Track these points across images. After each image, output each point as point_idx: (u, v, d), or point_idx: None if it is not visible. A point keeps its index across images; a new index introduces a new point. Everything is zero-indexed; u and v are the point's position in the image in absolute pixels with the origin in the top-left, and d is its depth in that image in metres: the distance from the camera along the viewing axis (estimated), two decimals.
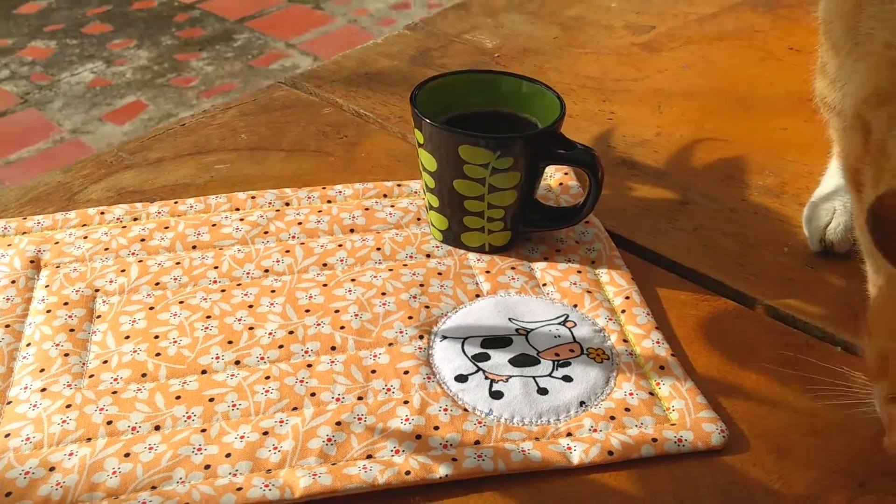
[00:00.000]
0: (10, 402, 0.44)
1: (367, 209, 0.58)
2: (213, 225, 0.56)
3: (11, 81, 2.70)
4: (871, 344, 0.40)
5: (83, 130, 2.83)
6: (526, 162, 0.51)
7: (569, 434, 0.43)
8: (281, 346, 0.47)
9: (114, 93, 2.68)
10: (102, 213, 0.57)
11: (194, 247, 0.55)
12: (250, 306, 0.50)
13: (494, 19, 0.86)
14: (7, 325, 0.49)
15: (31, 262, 0.53)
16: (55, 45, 2.74)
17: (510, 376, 0.46)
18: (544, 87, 0.55)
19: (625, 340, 0.49)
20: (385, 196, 0.60)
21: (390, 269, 0.53)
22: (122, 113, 2.76)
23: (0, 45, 2.75)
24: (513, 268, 0.54)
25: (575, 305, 0.51)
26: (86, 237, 0.55)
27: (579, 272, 0.53)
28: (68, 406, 0.44)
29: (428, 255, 0.55)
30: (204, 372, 0.46)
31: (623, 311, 0.51)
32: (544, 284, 0.53)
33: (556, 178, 0.62)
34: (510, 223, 0.54)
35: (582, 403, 0.45)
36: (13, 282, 0.52)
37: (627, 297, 0.51)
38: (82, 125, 2.84)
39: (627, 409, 0.44)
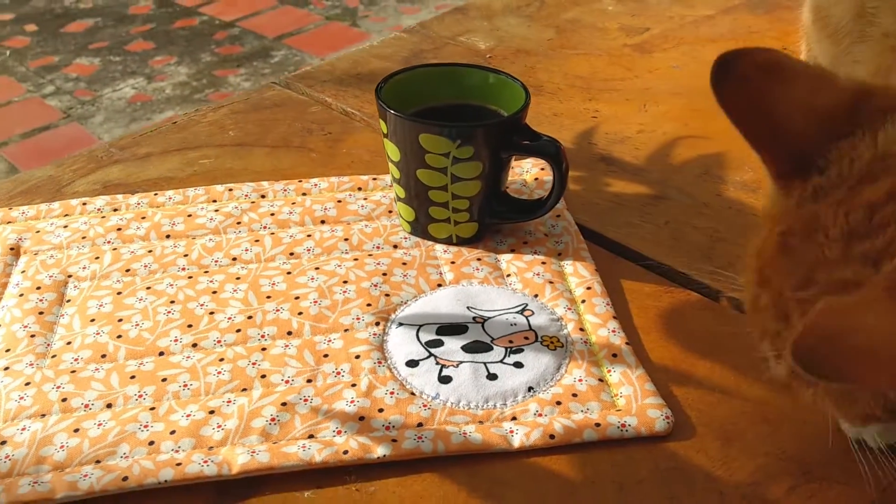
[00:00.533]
0: None
1: (339, 201, 0.59)
2: (189, 215, 0.58)
3: (56, 97, 2.78)
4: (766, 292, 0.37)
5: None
6: (488, 151, 0.52)
7: (513, 418, 0.43)
8: (238, 331, 0.48)
9: (153, 108, 2.75)
10: (84, 203, 0.59)
11: (168, 236, 0.56)
12: (214, 292, 0.51)
13: (491, 22, 0.87)
14: None
15: (12, 249, 0.55)
16: (99, 61, 2.82)
17: (461, 362, 0.46)
18: (510, 77, 0.55)
19: (581, 329, 0.49)
20: (359, 189, 0.61)
21: (355, 259, 0.54)
22: None
23: (46, 62, 2.84)
24: (479, 259, 0.54)
25: (536, 295, 0.51)
26: (66, 226, 0.57)
27: (544, 263, 0.53)
28: (27, 384, 0.45)
29: (395, 246, 0.55)
30: (161, 354, 0.47)
31: (583, 301, 0.50)
32: (508, 275, 0.53)
33: (532, 172, 0.62)
34: (476, 214, 0.54)
35: (530, 389, 0.44)
36: None
37: (589, 288, 0.51)
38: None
39: (575, 395, 0.44)
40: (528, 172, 0.62)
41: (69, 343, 0.48)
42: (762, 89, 0.37)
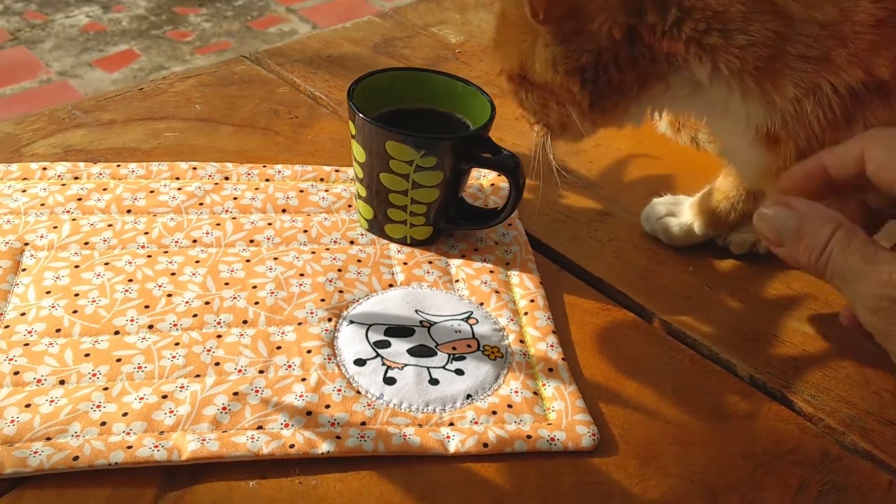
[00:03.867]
0: None
1: (301, 191, 0.61)
2: (151, 191, 0.58)
3: (3, 17, 2.68)
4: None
5: (71, 74, 2.83)
6: (450, 162, 0.54)
7: (451, 424, 0.46)
8: (195, 315, 0.50)
9: (107, 39, 2.68)
10: (45, 168, 0.59)
11: (129, 211, 0.57)
12: (173, 274, 0.52)
13: (463, 16, 0.88)
14: None
15: None
16: None
17: (406, 364, 0.48)
18: (478, 89, 0.57)
19: (521, 341, 0.51)
20: (322, 180, 0.62)
21: (313, 252, 0.55)
22: (113, 60, 2.75)
23: None
24: (430, 262, 0.56)
25: (481, 304, 0.53)
26: (24, 191, 0.57)
27: (492, 272, 0.56)
28: None
29: (352, 242, 0.57)
30: (117, 333, 0.48)
31: (525, 314, 0.53)
32: (457, 281, 0.55)
33: (490, 178, 0.64)
34: (432, 219, 0.56)
35: (469, 396, 0.47)
36: None
37: (532, 301, 0.54)
38: (71, 68, 2.84)
39: (510, 406, 0.47)
40: (485, 177, 0.64)
41: (23, 314, 0.49)
42: None
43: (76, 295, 0.50)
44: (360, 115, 0.53)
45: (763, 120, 0.46)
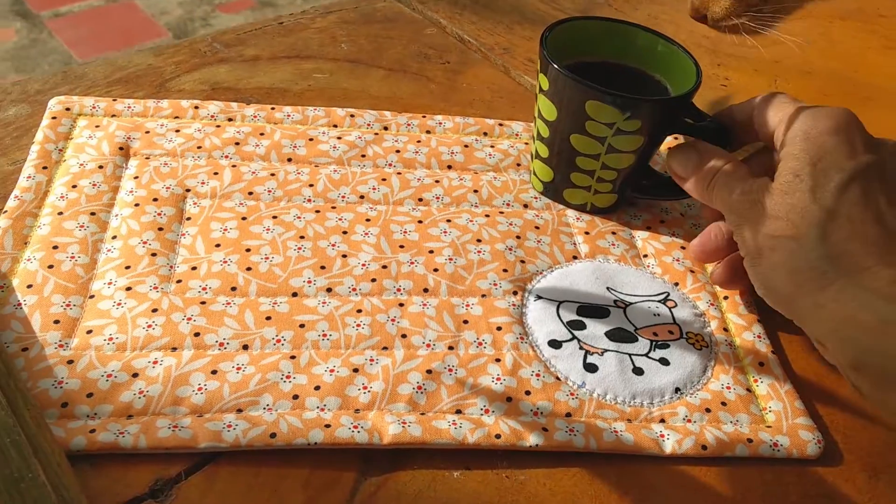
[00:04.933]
0: (92, 297, 0.43)
1: (466, 146, 0.56)
2: (311, 139, 0.54)
3: None
4: None
5: None
6: (652, 127, 0.48)
7: (662, 420, 0.42)
8: (374, 280, 0.46)
9: None
10: (196, 107, 0.55)
11: (289, 159, 0.53)
12: (344, 232, 0.48)
13: None
14: (92, 213, 0.47)
15: (121, 148, 0.51)
16: None
17: (605, 350, 0.44)
18: (682, 49, 0.51)
19: (725, 329, 0.47)
20: (485, 134, 0.57)
21: (486, 215, 0.51)
22: None
23: None
24: (613, 233, 0.52)
25: (676, 284, 0.49)
26: (178, 130, 0.53)
27: (683, 248, 0.51)
28: (154, 310, 0.42)
29: (525, 206, 0.52)
30: (295, 294, 0.44)
31: (725, 298, 0.49)
32: (645, 255, 0.51)
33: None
34: (619, 186, 0.51)
35: (677, 390, 0.43)
36: (101, 167, 0.50)
37: None
38: None
39: (724, 404, 0.43)
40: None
41: (194, 268, 0.45)
42: None
43: (247, 250, 0.46)
44: (557, 68, 0.47)
45: None
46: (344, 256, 0.47)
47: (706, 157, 0.46)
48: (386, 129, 0.56)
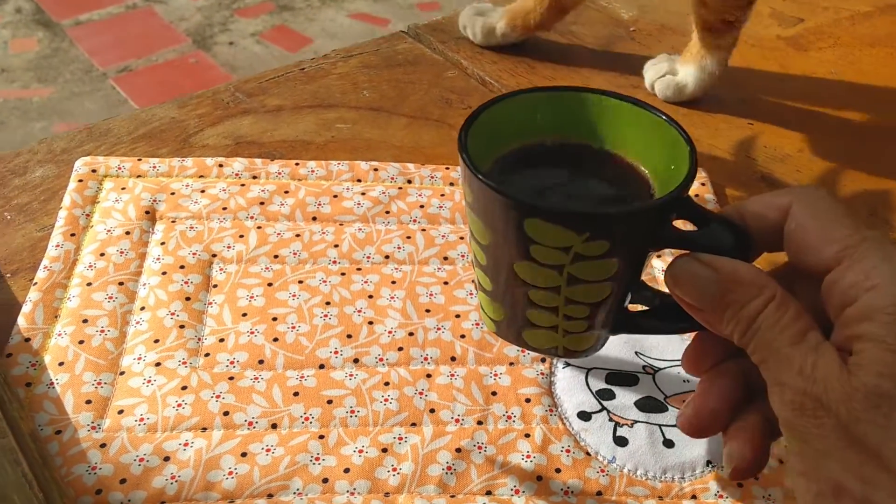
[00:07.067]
0: (122, 373, 0.43)
1: None
2: (335, 196, 0.54)
3: None
4: None
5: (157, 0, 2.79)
6: (629, 247, 0.33)
7: (693, 497, 0.41)
8: (400, 349, 0.46)
9: None
10: (221, 165, 0.55)
11: (314, 218, 0.53)
12: (370, 297, 0.48)
13: None
14: (121, 283, 0.47)
15: (147, 212, 0.51)
16: None
17: (635, 421, 0.44)
18: (664, 117, 0.35)
19: None
20: None
21: None
22: None
23: None
24: None
25: None
26: (203, 191, 0.53)
27: None
28: (184, 388, 0.43)
29: None
30: (322, 366, 0.44)
31: None
32: None
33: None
34: (597, 322, 0.35)
35: (709, 463, 0.43)
36: (127, 233, 0.50)
37: None
38: None
39: (756, 477, 0.42)
40: None
41: (222, 340, 0.45)
42: None
43: (274, 319, 0.46)
44: (479, 176, 0.31)
45: None
46: (370, 323, 0.47)
47: (735, 288, 0.31)
48: (409, 182, 0.56)
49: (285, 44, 2.44)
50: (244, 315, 0.47)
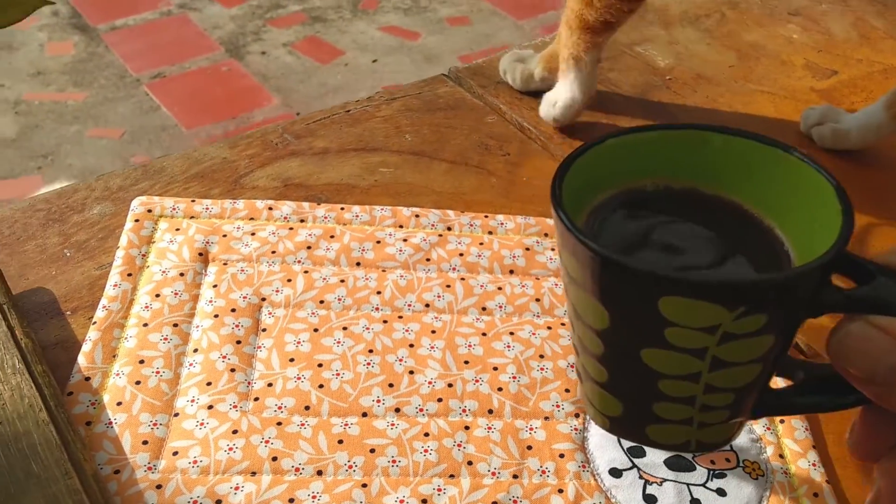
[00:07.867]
0: (176, 415, 0.46)
1: (527, 249, 0.57)
2: (378, 242, 0.56)
3: None
4: None
5: (191, 7, 2.84)
6: (788, 316, 0.28)
7: None
8: (440, 400, 0.48)
9: None
10: (270, 208, 0.57)
11: (358, 264, 0.55)
12: (411, 346, 0.50)
13: (668, 32, 0.82)
14: (175, 325, 0.50)
15: (200, 254, 0.54)
16: None
17: (664, 479, 0.46)
18: (807, 162, 0.30)
19: (780, 456, 0.48)
20: (546, 235, 0.59)
21: (549, 327, 0.53)
22: None
23: None
24: None
25: None
26: (253, 233, 0.55)
27: None
28: (234, 432, 0.45)
29: None
30: (364, 415, 0.47)
31: (782, 421, 0.50)
32: None
33: None
34: (740, 410, 0.31)
35: None
36: (182, 274, 0.52)
37: None
38: (191, 1, 2.84)
39: None
40: None
41: (270, 385, 0.47)
42: None
43: (319, 365, 0.49)
44: (590, 245, 0.27)
45: None
46: (411, 373, 0.49)
47: None
48: (449, 229, 0.58)
49: (316, 55, 2.48)
50: (291, 360, 0.49)
